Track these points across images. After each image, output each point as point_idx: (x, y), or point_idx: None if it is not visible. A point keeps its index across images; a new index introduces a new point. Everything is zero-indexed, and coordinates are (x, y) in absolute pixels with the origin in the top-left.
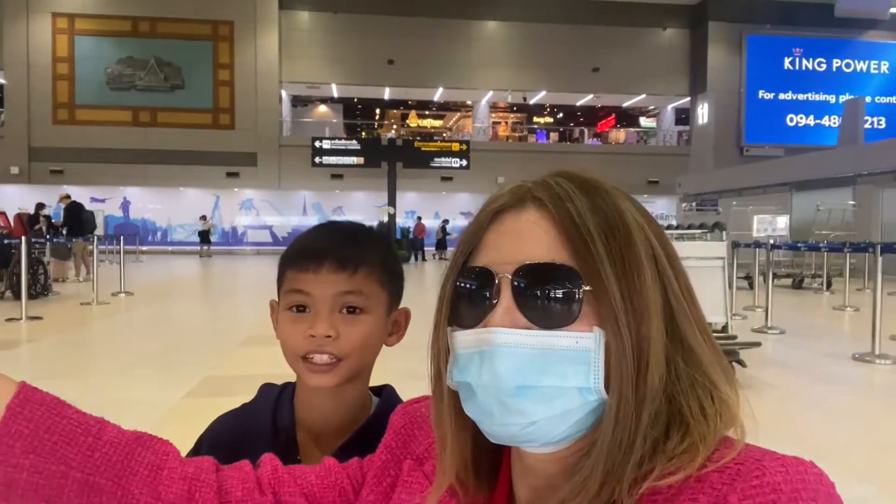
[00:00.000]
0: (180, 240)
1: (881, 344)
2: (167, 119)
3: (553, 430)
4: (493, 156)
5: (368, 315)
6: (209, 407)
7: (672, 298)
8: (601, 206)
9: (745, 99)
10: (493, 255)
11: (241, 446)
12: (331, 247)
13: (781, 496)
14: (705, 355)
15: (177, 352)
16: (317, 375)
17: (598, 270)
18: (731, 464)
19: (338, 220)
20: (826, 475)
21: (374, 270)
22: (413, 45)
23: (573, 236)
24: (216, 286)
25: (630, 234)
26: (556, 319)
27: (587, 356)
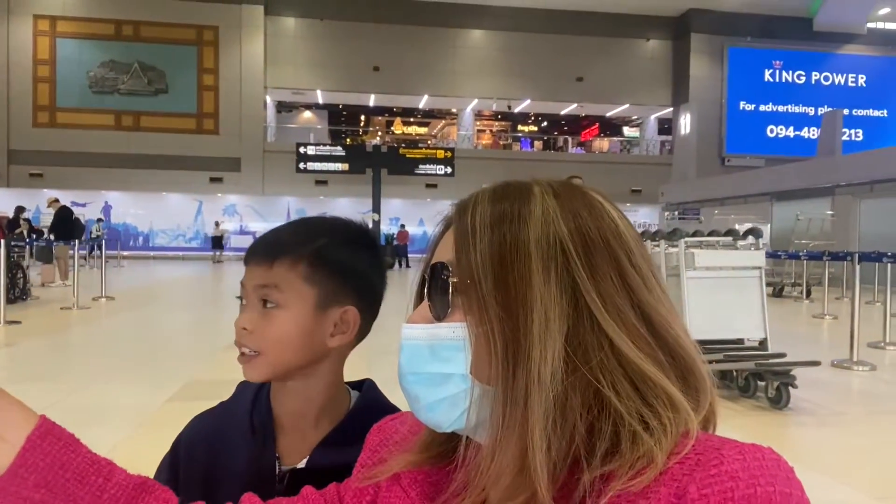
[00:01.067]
0: (162, 245)
1: (859, 351)
2: (150, 123)
3: (448, 414)
4: (477, 163)
5: (284, 311)
6: (192, 411)
7: (582, 290)
8: (500, 207)
9: (726, 110)
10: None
11: (218, 445)
12: (262, 238)
13: (739, 483)
14: (627, 346)
15: (158, 356)
16: (242, 366)
17: (470, 264)
18: (690, 454)
19: (310, 216)
20: (784, 460)
21: (297, 264)
22: (399, 52)
23: (460, 236)
24: (199, 291)
25: (521, 229)
26: (441, 311)
27: (461, 344)
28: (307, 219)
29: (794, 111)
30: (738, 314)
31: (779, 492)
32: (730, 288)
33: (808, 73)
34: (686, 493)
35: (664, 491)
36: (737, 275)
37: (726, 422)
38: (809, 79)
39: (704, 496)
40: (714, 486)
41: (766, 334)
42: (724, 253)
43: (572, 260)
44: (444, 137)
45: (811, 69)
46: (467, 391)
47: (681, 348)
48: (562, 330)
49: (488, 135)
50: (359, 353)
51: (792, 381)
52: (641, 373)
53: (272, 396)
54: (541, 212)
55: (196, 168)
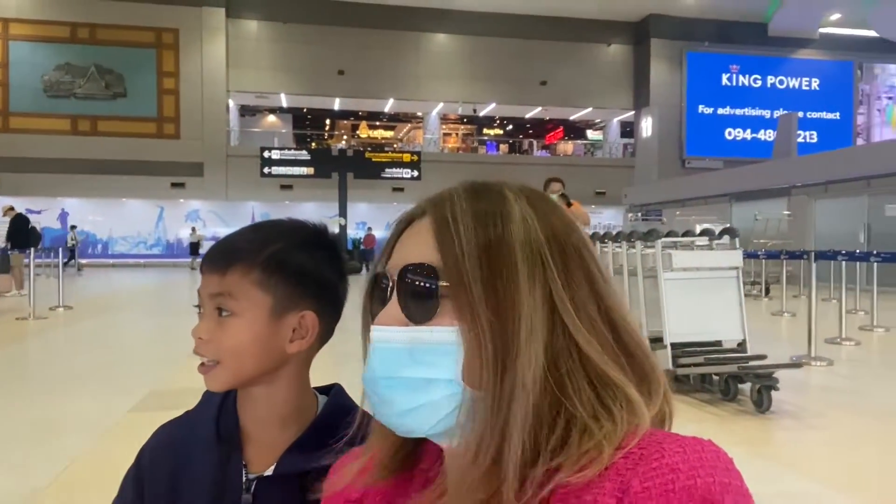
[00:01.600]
0: (122, 252)
1: (816, 347)
2: (109, 128)
3: (427, 419)
4: (444, 167)
5: (239, 319)
6: (155, 421)
7: (556, 298)
8: (479, 207)
9: (685, 113)
10: (391, 260)
11: (183, 454)
12: (216, 245)
13: (680, 475)
14: (596, 352)
15: (120, 366)
16: (204, 377)
17: (458, 267)
18: (634, 449)
19: (265, 220)
20: (724, 452)
21: (250, 271)
22: (364, 56)
23: (442, 236)
24: (161, 299)
25: (505, 232)
26: (423, 315)
27: (449, 349)
28: (262, 223)
29: (751, 114)
30: (716, 315)
31: (718, 482)
32: (707, 289)
33: (764, 77)
34: (629, 486)
35: (609, 486)
36: (714, 275)
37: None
38: (765, 83)
39: (646, 489)
40: (655, 479)
41: (745, 336)
42: (701, 253)
43: (549, 268)
44: (410, 141)
45: (767, 73)
46: (451, 396)
47: (638, 348)
48: (543, 337)
49: (454, 138)
50: (325, 358)
51: (774, 384)
52: (606, 378)
53: (238, 404)
54: (519, 217)
55: (157, 173)
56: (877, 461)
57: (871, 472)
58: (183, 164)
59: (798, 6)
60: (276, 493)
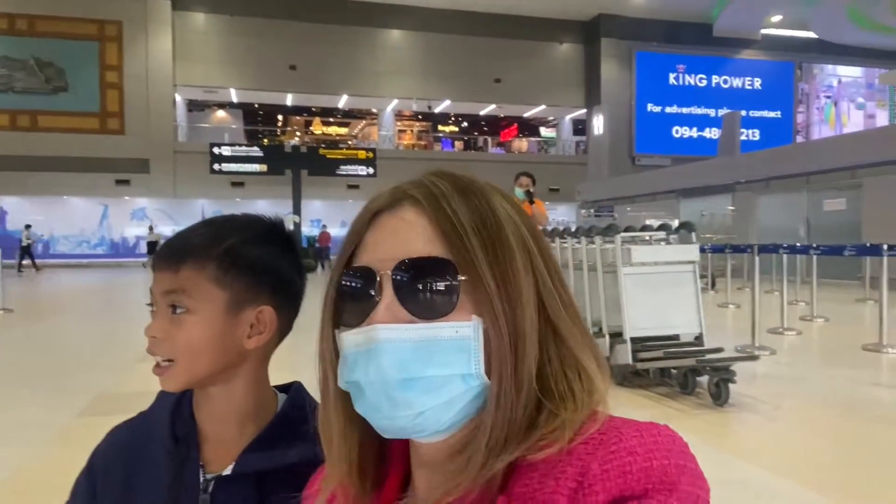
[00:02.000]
0: (65, 252)
1: (760, 337)
2: (49, 123)
3: (440, 418)
4: (399, 164)
5: (194, 316)
6: (104, 426)
7: (542, 286)
8: (474, 203)
9: (635, 111)
10: (373, 254)
11: (136, 456)
12: (169, 240)
13: (637, 457)
14: (574, 338)
15: (65, 370)
16: (159, 378)
17: (473, 261)
18: (595, 434)
19: (218, 215)
20: (679, 436)
21: (204, 267)
22: (316, 51)
23: (447, 230)
24: (108, 300)
25: (502, 227)
26: (436, 311)
27: (467, 344)
28: (214, 218)
29: (697, 113)
30: (674, 309)
31: (674, 464)
32: (665, 283)
33: (709, 76)
34: (589, 469)
35: (570, 470)
36: (672, 270)
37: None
38: (710, 82)
39: (605, 471)
40: (613, 462)
41: (702, 329)
42: (659, 248)
43: (535, 257)
44: (365, 138)
45: (711, 73)
46: (467, 391)
47: (591, 337)
48: (538, 324)
49: (409, 135)
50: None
51: (731, 377)
52: (579, 364)
53: (194, 403)
54: (504, 210)
55: (100, 170)
56: (817, 445)
57: (814, 456)
58: (128, 160)
59: (742, 7)
60: (234, 493)
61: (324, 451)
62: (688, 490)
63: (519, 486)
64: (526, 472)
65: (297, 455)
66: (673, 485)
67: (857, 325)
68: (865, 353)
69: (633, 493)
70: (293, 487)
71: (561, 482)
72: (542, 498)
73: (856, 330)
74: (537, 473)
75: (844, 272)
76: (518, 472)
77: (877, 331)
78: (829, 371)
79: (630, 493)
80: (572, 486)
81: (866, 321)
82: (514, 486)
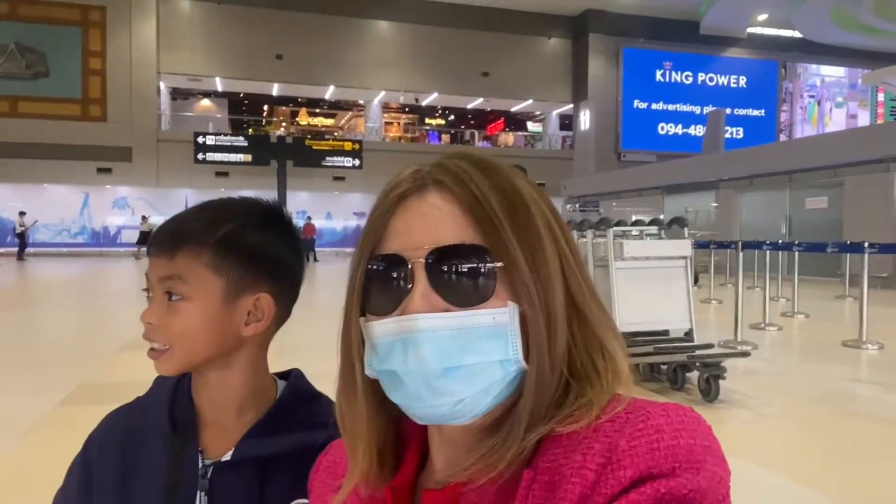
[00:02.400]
0: (44, 241)
1: (742, 332)
2: (29, 109)
3: (479, 404)
4: (385, 156)
5: (190, 303)
6: (87, 416)
7: (566, 268)
8: (499, 185)
9: (621, 107)
10: (402, 240)
11: (133, 442)
12: (165, 225)
13: (664, 435)
14: (596, 318)
15: (47, 359)
16: (154, 362)
17: (507, 247)
18: (621, 413)
19: (215, 199)
20: (704, 419)
21: (201, 253)
22: (303, 41)
23: (479, 215)
24: (89, 290)
25: (529, 209)
26: (473, 298)
27: (505, 330)
28: (211, 202)
29: (683, 110)
30: (664, 305)
31: (699, 444)
32: (657, 278)
33: (695, 74)
34: (617, 446)
35: (597, 447)
36: (663, 265)
37: None
38: (696, 79)
39: (633, 447)
40: (641, 439)
41: (692, 325)
42: (652, 243)
43: (559, 239)
44: (352, 129)
45: (698, 70)
46: (505, 376)
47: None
48: (564, 302)
49: (396, 127)
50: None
51: (722, 373)
52: (602, 344)
53: (193, 389)
54: (528, 191)
55: (82, 158)
56: (805, 440)
57: (803, 451)
58: (110, 148)
59: (729, 5)
60: (233, 479)
61: (346, 440)
62: (713, 470)
63: (544, 461)
64: (551, 447)
65: (296, 441)
66: (699, 464)
67: (836, 321)
68: (846, 349)
69: (661, 471)
70: (293, 473)
71: (588, 457)
72: (569, 472)
73: (835, 326)
74: (562, 449)
75: (824, 269)
76: (543, 447)
77: (856, 327)
78: (811, 366)
79: (658, 470)
80: (599, 461)
81: (845, 318)
82: (539, 461)
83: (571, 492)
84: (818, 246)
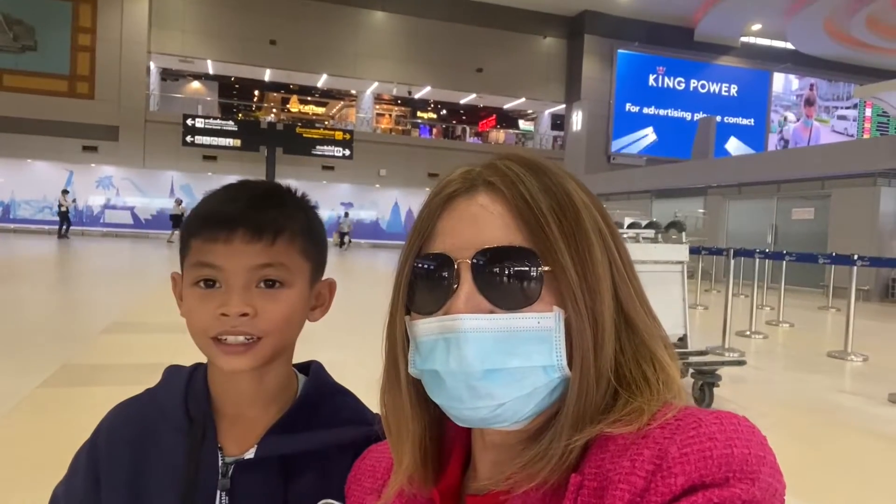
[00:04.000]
0: (26, 217)
1: (730, 339)
2: (15, 83)
3: (521, 409)
4: (376, 147)
5: (290, 289)
6: (70, 397)
7: (616, 274)
8: (550, 187)
9: (613, 110)
10: (449, 240)
11: (148, 437)
12: (244, 211)
13: (717, 443)
14: (646, 326)
15: (27, 338)
16: (231, 358)
17: (555, 251)
18: (671, 420)
19: (250, 178)
20: (758, 429)
21: (295, 238)
22: (298, 27)
23: (528, 218)
24: (72, 270)
25: (579, 213)
26: (518, 301)
27: (550, 335)
28: (257, 183)
29: (674, 115)
30: (659, 310)
31: (754, 454)
32: (652, 283)
33: (688, 80)
34: (667, 453)
35: (647, 453)
36: (659, 269)
37: None
38: (688, 86)
39: (685, 455)
40: (693, 446)
41: (687, 331)
42: (650, 247)
43: (609, 245)
44: (342, 119)
45: (690, 77)
46: (548, 382)
47: (661, 327)
48: (613, 310)
49: (387, 119)
50: None
51: (716, 381)
52: (652, 353)
53: (219, 383)
54: (579, 195)
55: (67, 134)
56: (796, 450)
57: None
58: (96, 126)
59: (724, 13)
60: (256, 478)
61: (391, 439)
62: (768, 482)
63: (591, 466)
64: (598, 452)
65: (322, 438)
66: (755, 474)
67: (820, 331)
68: (831, 360)
69: (714, 480)
70: (319, 472)
71: (637, 463)
72: (616, 478)
73: (819, 336)
74: (609, 454)
75: (807, 280)
76: (591, 452)
77: (841, 338)
78: (798, 375)
79: (711, 479)
80: (649, 468)
81: (829, 328)
82: (586, 465)
83: (620, 498)
84: (810, 256)
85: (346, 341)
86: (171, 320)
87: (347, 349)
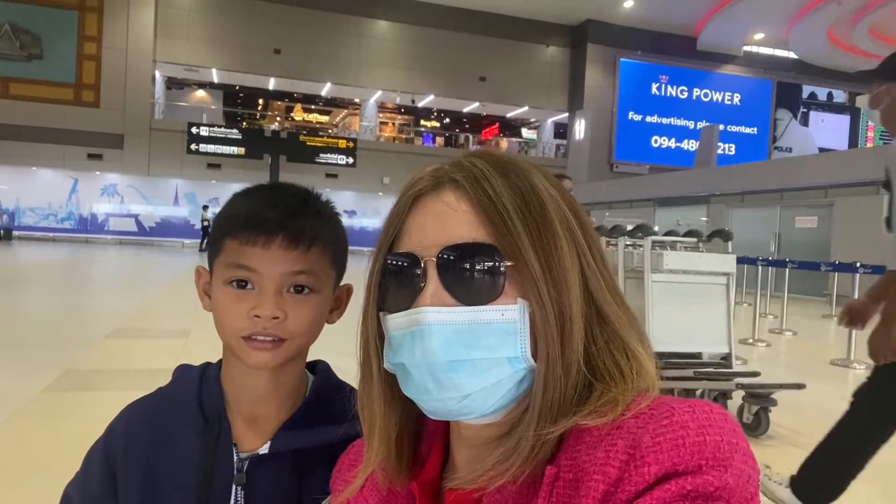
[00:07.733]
0: (30, 224)
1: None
2: (21, 91)
3: (487, 400)
4: (379, 155)
5: (318, 295)
6: (74, 401)
7: (586, 266)
8: (516, 183)
9: (616, 118)
10: (416, 238)
11: (162, 437)
12: (284, 219)
13: (689, 431)
14: (617, 317)
15: (32, 343)
16: (258, 353)
17: (517, 245)
18: (645, 409)
19: (282, 182)
20: (731, 416)
21: (327, 247)
22: (302, 36)
23: (491, 214)
24: (76, 276)
25: (545, 207)
26: (482, 296)
27: (514, 327)
28: (289, 188)
29: (677, 124)
30: (701, 325)
31: (726, 441)
32: (695, 295)
33: (691, 89)
34: (640, 442)
35: (621, 443)
36: (703, 281)
37: None
38: (691, 94)
39: (658, 443)
40: (666, 435)
41: (731, 349)
42: (694, 256)
43: (577, 238)
44: (346, 127)
45: (693, 85)
46: (514, 374)
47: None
48: (583, 306)
49: (391, 127)
50: None
51: (771, 405)
52: (624, 344)
53: (235, 381)
54: (545, 189)
55: (72, 142)
56: (786, 454)
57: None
58: (101, 134)
59: (726, 22)
60: (271, 473)
61: (364, 428)
62: (741, 468)
63: (567, 458)
64: (574, 443)
65: (333, 433)
66: (727, 461)
67: (823, 339)
68: (834, 368)
69: (687, 468)
70: (331, 466)
71: (611, 454)
72: (591, 469)
73: (823, 344)
74: (584, 445)
75: (810, 288)
76: (566, 444)
77: (844, 346)
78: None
79: (683, 467)
80: (623, 458)
81: (831, 337)
82: (561, 457)
83: (595, 489)
84: (812, 265)
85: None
86: (175, 326)
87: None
